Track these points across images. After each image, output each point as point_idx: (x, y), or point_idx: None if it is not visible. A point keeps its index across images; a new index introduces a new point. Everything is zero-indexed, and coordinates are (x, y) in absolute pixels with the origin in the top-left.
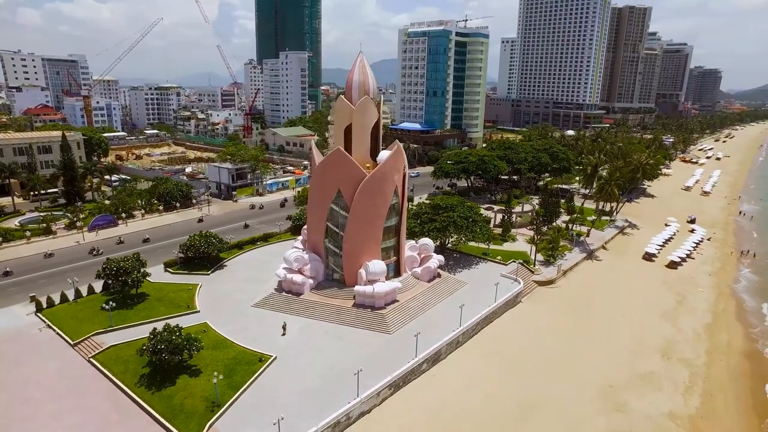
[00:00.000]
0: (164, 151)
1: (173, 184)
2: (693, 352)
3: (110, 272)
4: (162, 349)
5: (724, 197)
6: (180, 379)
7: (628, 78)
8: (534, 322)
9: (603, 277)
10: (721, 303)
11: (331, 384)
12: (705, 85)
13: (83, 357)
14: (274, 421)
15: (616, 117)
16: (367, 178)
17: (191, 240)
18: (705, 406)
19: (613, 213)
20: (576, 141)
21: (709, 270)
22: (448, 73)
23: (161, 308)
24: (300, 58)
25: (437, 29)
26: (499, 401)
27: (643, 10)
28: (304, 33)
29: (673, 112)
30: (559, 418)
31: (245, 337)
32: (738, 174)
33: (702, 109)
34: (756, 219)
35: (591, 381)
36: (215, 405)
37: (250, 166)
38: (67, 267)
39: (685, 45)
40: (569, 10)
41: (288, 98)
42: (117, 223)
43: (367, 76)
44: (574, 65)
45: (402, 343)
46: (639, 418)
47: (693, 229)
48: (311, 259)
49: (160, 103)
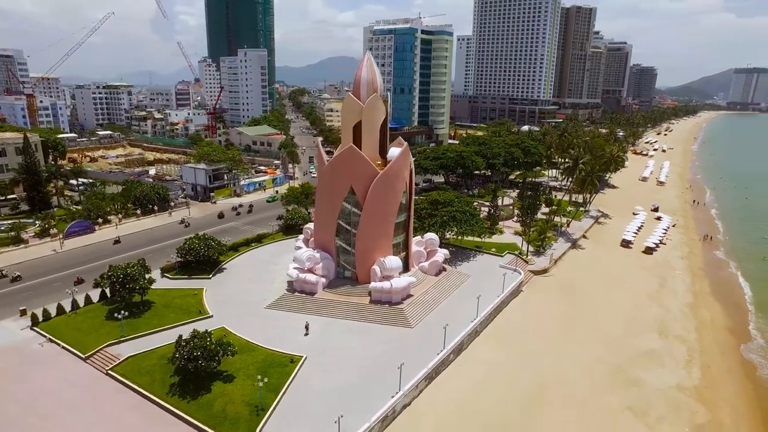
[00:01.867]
0: (120, 152)
1: (149, 187)
2: (684, 329)
3: (116, 279)
4: (198, 355)
5: (688, 187)
6: (214, 385)
7: (576, 75)
8: (536, 310)
9: (589, 264)
10: (696, 284)
11: (366, 380)
12: (643, 81)
13: (99, 370)
14: (330, 419)
15: (567, 112)
16: (380, 175)
17: (190, 243)
18: (705, 377)
19: (586, 204)
20: (543, 136)
21: (680, 254)
22: (415, 71)
23: (171, 315)
24: (260, 56)
25: (403, 27)
26: (520, 384)
27: (588, 10)
28: (258, 30)
29: (616, 107)
30: (577, 395)
31: (267, 339)
32: (683, 165)
33: (641, 104)
34: (708, 206)
35: (600, 360)
36: (259, 409)
37: (226, 167)
38: (52, 277)
39: (625, 44)
40: (522, 9)
41: (248, 97)
42: (94, 229)
43: (375, 74)
44: (528, 62)
45: (425, 336)
46: (651, 391)
47: (659, 216)
48: (322, 257)
49: (110, 103)
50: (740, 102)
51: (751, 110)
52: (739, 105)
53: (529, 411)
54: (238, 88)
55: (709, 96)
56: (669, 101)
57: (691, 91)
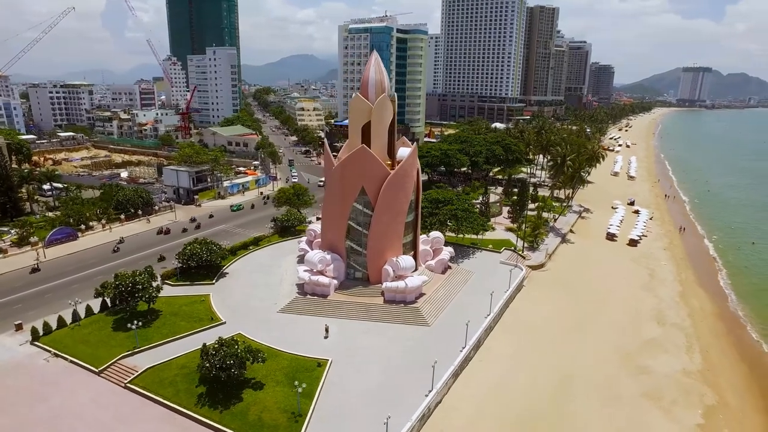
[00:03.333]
0: (84, 155)
1: (132, 190)
2: (678, 317)
3: (124, 288)
4: (231, 364)
5: (657, 181)
6: (245, 393)
7: (541, 73)
8: (540, 304)
9: (580, 258)
10: (682, 273)
11: (394, 379)
12: (601, 79)
13: (116, 384)
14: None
15: (533, 109)
16: (391, 175)
17: (191, 248)
18: (706, 361)
19: (569, 200)
20: (521, 133)
21: (661, 245)
22: (391, 69)
23: (182, 323)
24: (229, 55)
25: (379, 26)
26: (539, 376)
27: (552, 10)
28: (223, 27)
29: (578, 104)
30: (595, 384)
31: (287, 343)
32: (648, 159)
33: (600, 101)
34: (677, 198)
35: (609, 350)
36: (297, 415)
37: (209, 169)
38: (42, 288)
39: (585, 42)
40: (490, 8)
41: (218, 96)
42: (77, 236)
43: (383, 75)
44: (497, 61)
45: (443, 333)
46: (660, 377)
47: (636, 210)
48: (333, 259)
49: (69, 103)
50: (689, 99)
51: (698, 107)
52: (688, 102)
53: (554, 402)
54: (207, 87)
55: (659, 93)
56: (625, 98)
57: (643, 89)
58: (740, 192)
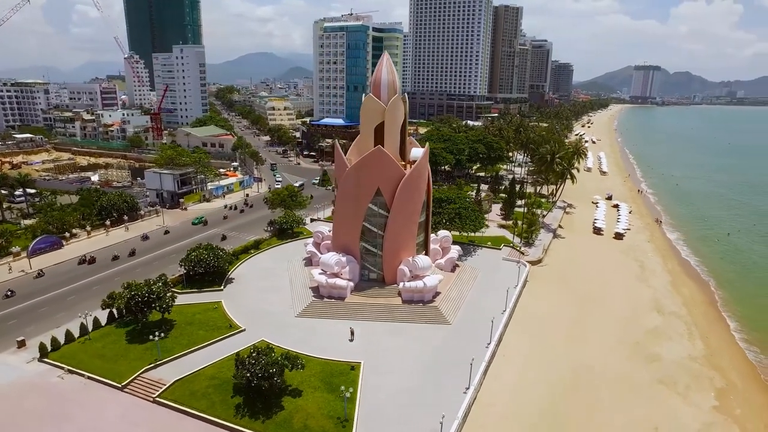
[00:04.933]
0: (44, 157)
1: (116, 195)
2: (674, 305)
3: (141, 298)
4: (273, 372)
5: (627, 176)
6: (284, 401)
7: (506, 71)
8: (544, 298)
9: (573, 252)
10: (668, 263)
11: (428, 378)
12: (561, 77)
13: (143, 399)
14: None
15: (499, 107)
16: (407, 175)
17: (198, 254)
18: (708, 346)
19: (553, 195)
20: (499, 131)
21: (645, 238)
22: (367, 68)
23: (200, 332)
24: (197, 53)
25: (355, 24)
26: (559, 369)
27: (516, 9)
28: (186, 25)
29: (541, 102)
30: (612, 374)
31: (313, 348)
32: (614, 155)
33: (561, 98)
34: (649, 193)
35: (617, 340)
36: (343, 420)
37: (194, 171)
38: (35, 301)
39: (546, 41)
40: (457, 7)
41: (186, 96)
42: (62, 244)
43: (395, 75)
44: (464, 59)
45: (465, 330)
46: (670, 364)
47: (615, 204)
48: (348, 261)
49: (22, 102)
50: (641, 96)
51: (649, 103)
52: (640, 99)
53: (578, 393)
54: (175, 87)
55: (613, 90)
56: (582, 95)
57: (597, 86)
58: (704, 186)
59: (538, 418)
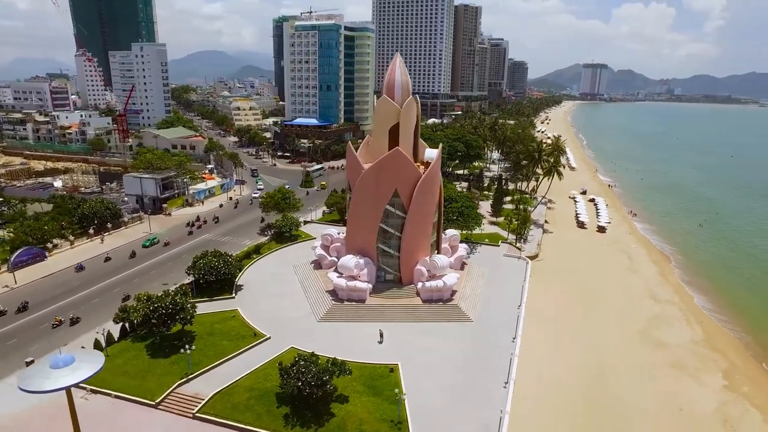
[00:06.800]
0: None
1: (98, 202)
2: (666, 293)
3: (165, 311)
4: (327, 380)
5: (595, 171)
6: (333, 408)
7: (467, 69)
8: (546, 291)
9: (563, 246)
10: (652, 254)
11: (466, 375)
12: (516, 74)
13: (182, 415)
14: (461, 417)
15: (461, 105)
16: (424, 176)
17: (207, 261)
18: (705, 331)
19: (534, 192)
20: (475, 129)
21: (625, 230)
22: (340, 67)
23: (224, 343)
24: (159, 51)
25: (327, 23)
26: (578, 359)
27: (475, 9)
28: (139, 21)
29: (499, 99)
30: (627, 362)
31: (344, 352)
32: (578, 151)
33: (516, 96)
34: (618, 186)
35: (622, 329)
36: (398, 423)
37: (176, 174)
38: (31, 318)
39: (503, 40)
40: (420, 7)
41: (148, 97)
42: (45, 256)
43: (408, 76)
44: (428, 58)
45: (488, 326)
46: (676, 348)
47: (592, 198)
48: (366, 263)
49: None
50: (590, 93)
51: (598, 100)
52: (589, 95)
53: (601, 383)
54: (136, 87)
55: (563, 87)
56: (536, 92)
57: (548, 83)
58: (665, 179)
59: (572, 407)
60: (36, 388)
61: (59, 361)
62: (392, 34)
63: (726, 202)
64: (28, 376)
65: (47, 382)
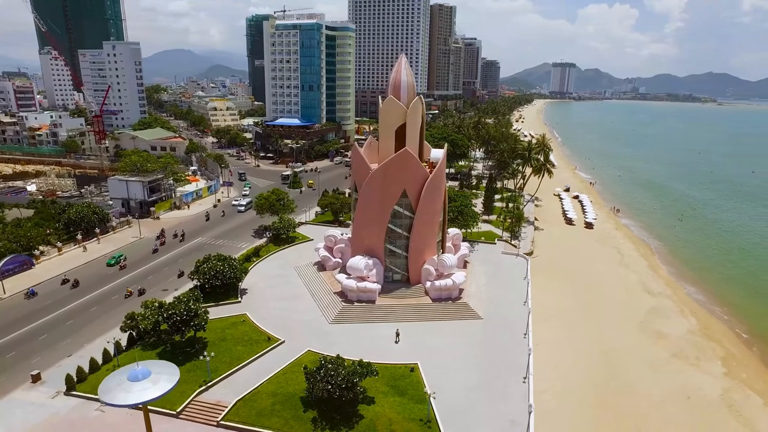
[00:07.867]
0: None
1: (85, 206)
2: (659, 287)
3: (180, 317)
4: (356, 382)
5: (574, 168)
6: (361, 409)
7: (443, 68)
8: (546, 287)
9: (555, 242)
10: (640, 249)
11: (485, 372)
12: (489, 73)
13: (206, 423)
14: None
15: (437, 104)
16: (431, 176)
17: (212, 265)
18: (700, 322)
19: (521, 190)
20: (458, 128)
21: (611, 226)
22: (322, 67)
23: (238, 348)
24: (133, 50)
25: (309, 22)
26: (587, 352)
27: (449, 8)
28: (108, 19)
29: (473, 98)
30: (633, 354)
31: (361, 353)
32: (555, 148)
33: (490, 95)
34: (598, 183)
35: (623, 322)
36: (426, 421)
37: (164, 177)
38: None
39: (476, 39)
40: (396, 6)
41: (122, 97)
42: (33, 264)
43: (413, 77)
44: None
45: (498, 323)
46: (676, 339)
47: (576, 195)
48: (374, 263)
49: None
50: (559, 91)
51: (567, 98)
52: (559, 94)
53: (613, 375)
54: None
55: (532, 86)
56: (508, 91)
57: (518, 82)
58: (642, 176)
59: (590, 399)
60: (120, 402)
61: (138, 374)
62: (368, 33)
63: (700, 196)
64: (108, 390)
65: (130, 396)
